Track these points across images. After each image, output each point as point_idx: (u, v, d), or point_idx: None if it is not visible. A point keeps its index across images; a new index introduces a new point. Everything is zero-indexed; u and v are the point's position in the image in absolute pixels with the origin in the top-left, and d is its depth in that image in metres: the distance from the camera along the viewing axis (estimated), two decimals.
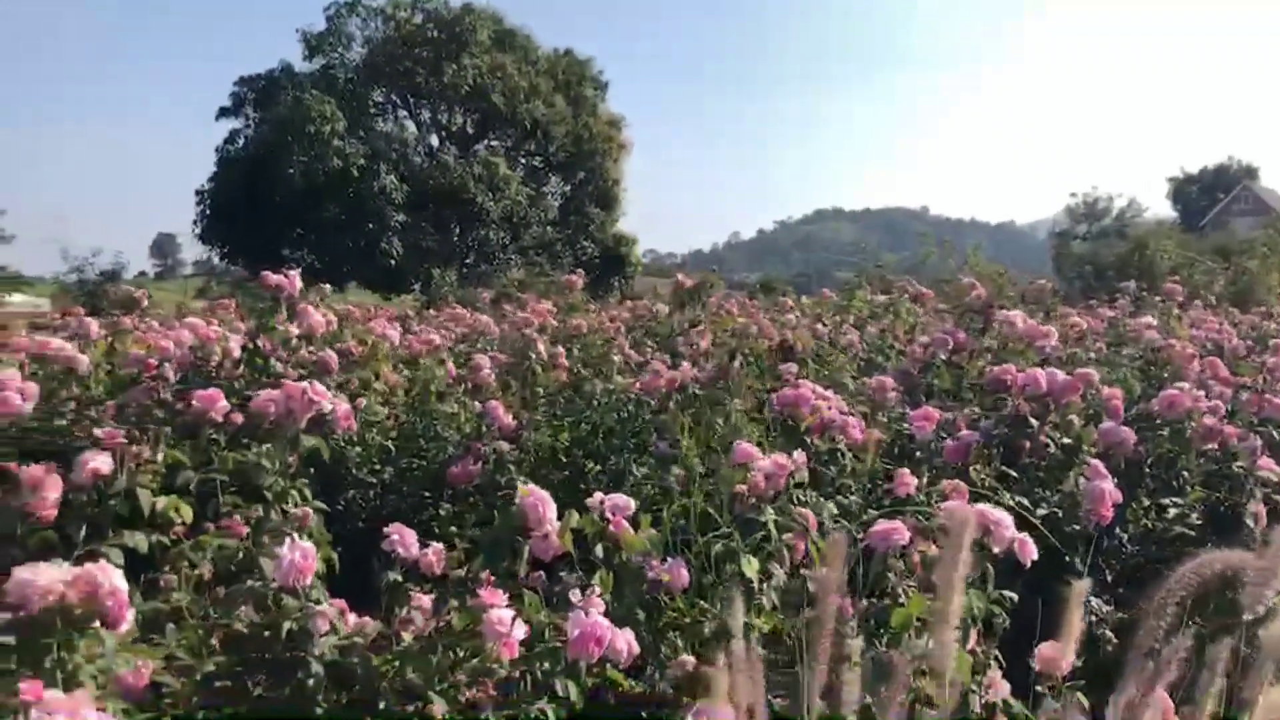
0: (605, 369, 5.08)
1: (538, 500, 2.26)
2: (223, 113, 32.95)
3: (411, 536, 2.64)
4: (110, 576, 1.70)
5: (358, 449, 4.63)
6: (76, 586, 1.67)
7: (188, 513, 2.35)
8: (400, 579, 2.63)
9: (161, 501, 2.28)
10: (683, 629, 2.60)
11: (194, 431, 2.91)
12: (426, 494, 4.69)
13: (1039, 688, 2.73)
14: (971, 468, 3.67)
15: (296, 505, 2.47)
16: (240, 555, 2.14)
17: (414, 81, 33.05)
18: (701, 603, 2.76)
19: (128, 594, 1.74)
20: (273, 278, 4.92)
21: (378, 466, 4.71)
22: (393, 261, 29.74)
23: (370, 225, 29.83)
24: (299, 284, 4.97)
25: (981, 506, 2.32)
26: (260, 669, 2.12)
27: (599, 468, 4.54)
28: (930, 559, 2.34)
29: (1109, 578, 3.74)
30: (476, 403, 5.11)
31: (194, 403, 2.84)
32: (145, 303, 6.97)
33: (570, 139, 34.59)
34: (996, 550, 2.27)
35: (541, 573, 2.63)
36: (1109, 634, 3.38)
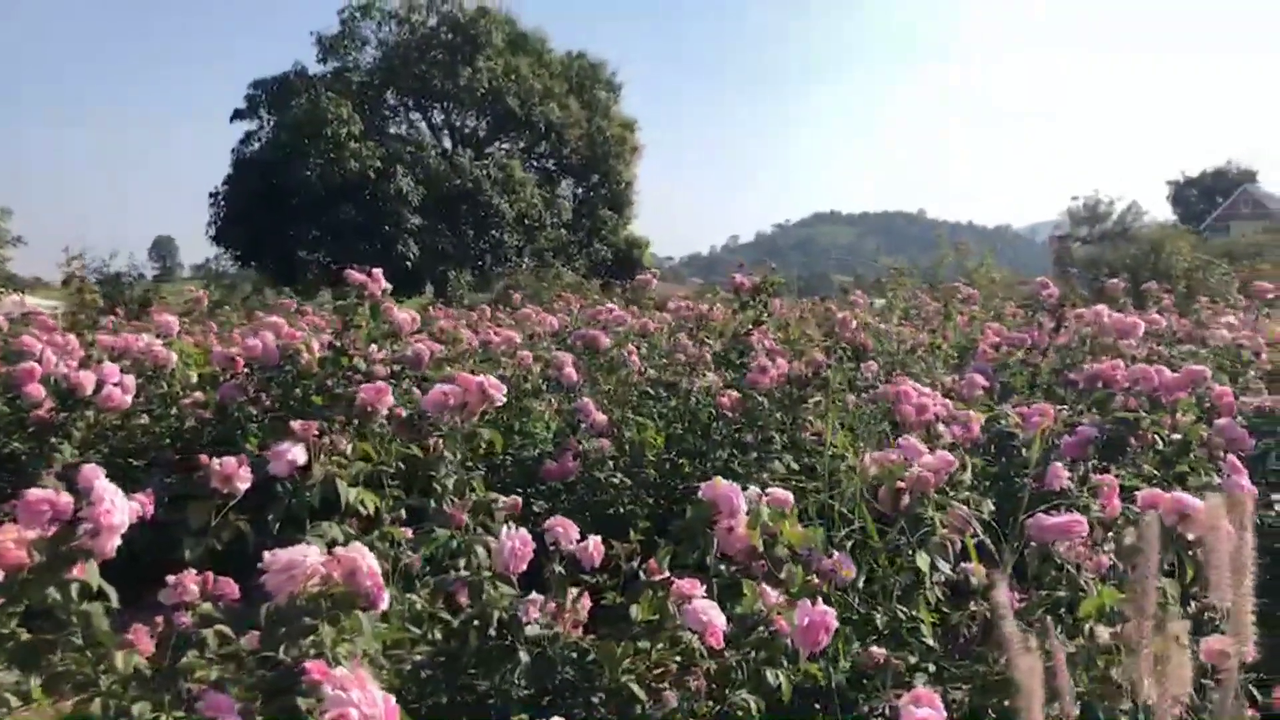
0: (693, 367, 5.06)
1: (731, 491, 2.25)
2: (237, 115, 32.96)
3: (574, 528, 2.63)
4: (368, 559, 1.69)
5: None
6: (339, 568, 1.67)
7: (373, 504, 2.34)
8: (564, 571, 2.62)
9: (352, 493, 2.28)
10: (854, 622, 2.59)
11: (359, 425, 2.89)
12: (518, 489, 4.69)
13: (1204, 680, 2.73)
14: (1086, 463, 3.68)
15: (469, 496, 2.46)
16: (457, 545, 2.13)
17: (429, 84, 33.06)
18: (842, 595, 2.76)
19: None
20: (356, 275, 4.93)
21: (469, 463, 4.70)
22: (409, 263, 29.74)
23: (386, 227, 29.84)
24: (384, 284, 4.98)
25: (1177, 494, 2.31)
26: (468, 657, 2.12)
27: (694, 463, 4.55)
28: (1131, 549, 2.33)
29: None
30: (552, 399, 5.13)
31: (361, 395, 2.83)
32: (205, 304, 7.00)
33: (584, 142, 34.61)
34: (1191, 537, 2.26)
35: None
36: None
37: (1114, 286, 7.18)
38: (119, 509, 1.81)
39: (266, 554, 1.69)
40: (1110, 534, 2.74)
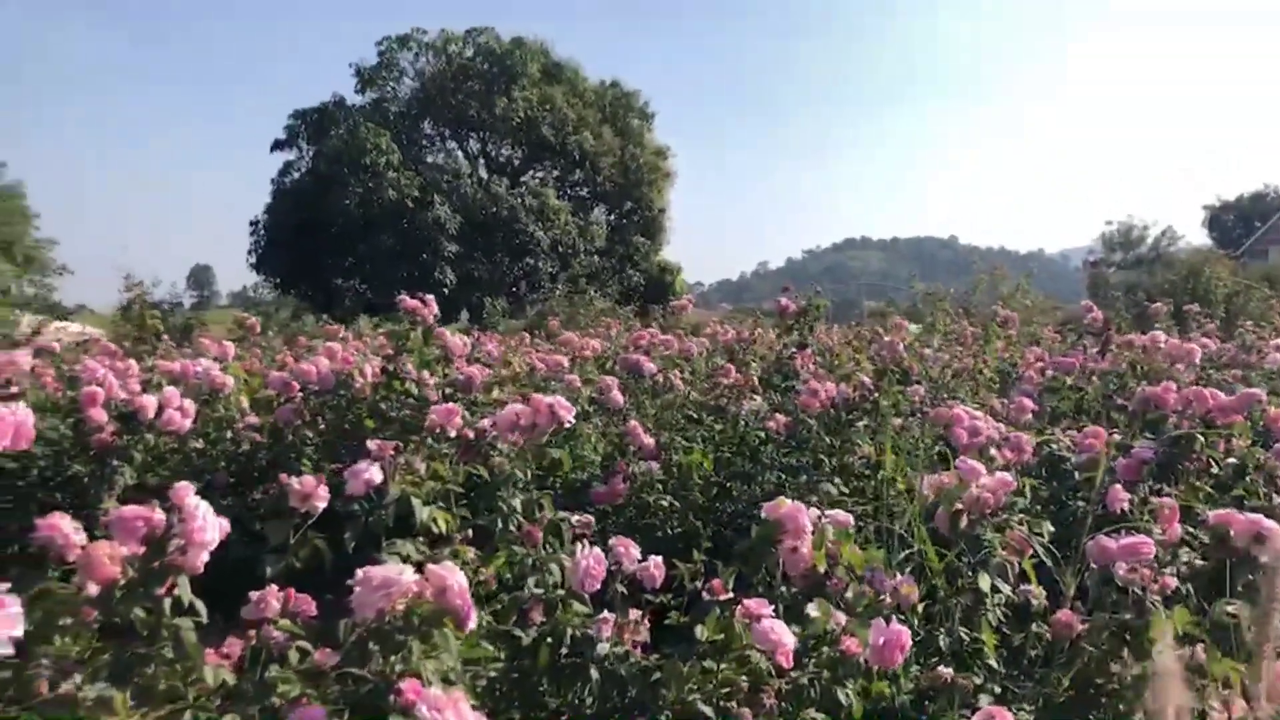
0: (740, 391, 5.08)
1: (796, 510, 2.28)
2: (277, 145, 33.53)
3: (635, 548, 2.67)
4: (457, 576, 1.73)
5: None
6: (429, 586, 1.71)
7: (447, 523, 2.39)
8: (625, 591, 2.65)
9: (425, 511, 2.33)
10: (915, 644, 2.60)
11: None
12: (566, 511, 4.72)
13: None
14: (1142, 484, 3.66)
15: (542, 515, 2.50)
16: (532, 563, 2.17)
17: (465, 114, 33.51)
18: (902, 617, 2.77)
19: None
20: (409, 302, 5.02)
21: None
22: (445, 290, 30.02)
23: (424, 255, 30.18)
24: (435, 310, 5.07)
25: (1252, 515, 2.31)
26: (540, 674, 2.15)
27: (743, 487, 4.57)
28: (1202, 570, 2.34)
29: None
30: (598, 421, 5.17)
31: (431, 417, 2.89)
32: (257, 330, 7.11)
33: (617, 169, 34.87)
34: (1265, 560, 2.25)
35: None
36: None
37: (1157, 310, 7.15)
38: (210, 526, 1.86)
39: (359, 570, 1.73)
40: (1173, 556, 2.74)
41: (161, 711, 1.96)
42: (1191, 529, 3.05)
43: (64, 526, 1.95)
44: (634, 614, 2.54)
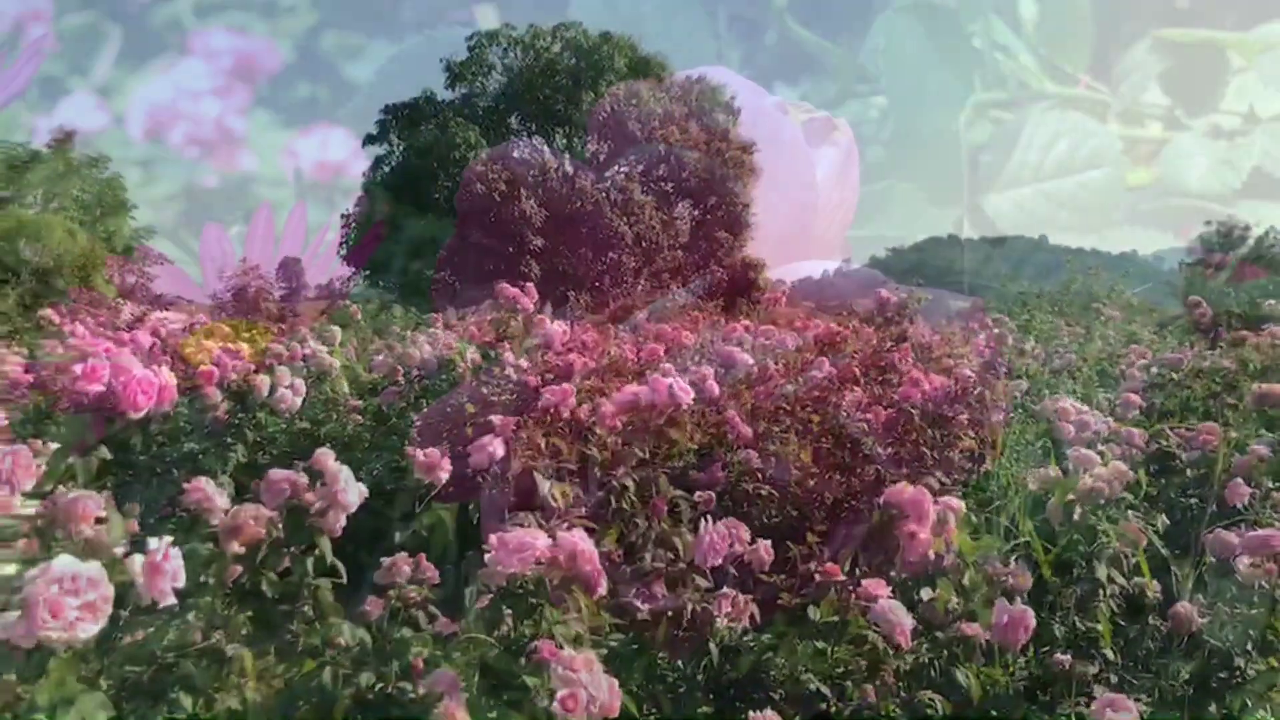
0: (841, 383, 5.06)
1: (920, 495, 2.27)
2: (369, 139, 34.17)
3: (745, 530, 2.69)
4: (588, 544, 1.78)
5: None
6: (562, 551, 1.76)
7: (565, 498, 2.44)
8: (735, 572, 2.68)
9: (547, 486, 2.38)
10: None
11: None
12: None
13: None
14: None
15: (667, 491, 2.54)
16: (654, 536, 2.21)
17: (551, 109, 33.75)
18: None
19: None
20: (509, 290, 5.11)
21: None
22: (530, 283, 30.27)
23: (509, 249, 30.48)
24: (535, 296, 5.16)
25: None
26: (659, 646, 2.18)
27: (843, 478, 4.55)
28: None
29: None
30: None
31: (546, 396, 2.95)
32: (358, 315, 7.29)
33: (702, 164, 34.73)
34: None
35: None
36: None
37: (1275, 307, 6.95)
38: (351, 489, 1.94)
39: (493, 536, 1.79)
40: None
41: (299, 668, 2.04)
42: None
43: (209, 489, 2.04)
44: (742, 596, 2.57)
